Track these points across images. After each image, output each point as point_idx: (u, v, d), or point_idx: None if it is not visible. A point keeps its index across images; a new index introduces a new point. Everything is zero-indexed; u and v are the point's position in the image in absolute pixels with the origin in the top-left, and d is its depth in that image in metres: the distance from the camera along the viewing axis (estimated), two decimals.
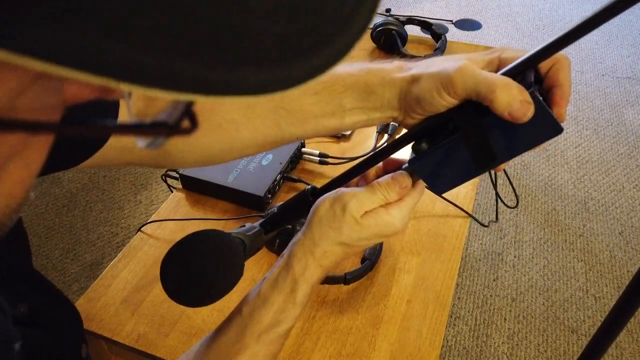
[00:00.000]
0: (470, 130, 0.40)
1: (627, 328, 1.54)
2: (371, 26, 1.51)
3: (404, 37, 1.48)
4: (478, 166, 0.42)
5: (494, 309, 1.59)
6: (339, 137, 1.16)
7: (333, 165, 1.07)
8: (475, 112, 0.40)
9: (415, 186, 0.47)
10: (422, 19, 1.53)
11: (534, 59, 0.37)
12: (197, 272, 0.45)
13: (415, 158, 0.44)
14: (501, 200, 1.52)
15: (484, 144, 0.40)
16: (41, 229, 1.85)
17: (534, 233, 1.81)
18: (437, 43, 1.50)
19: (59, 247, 1.79)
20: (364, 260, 0.86)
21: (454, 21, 1.60)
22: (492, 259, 1.74)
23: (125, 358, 0.87)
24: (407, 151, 0.47)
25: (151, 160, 0.53)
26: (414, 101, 0.43)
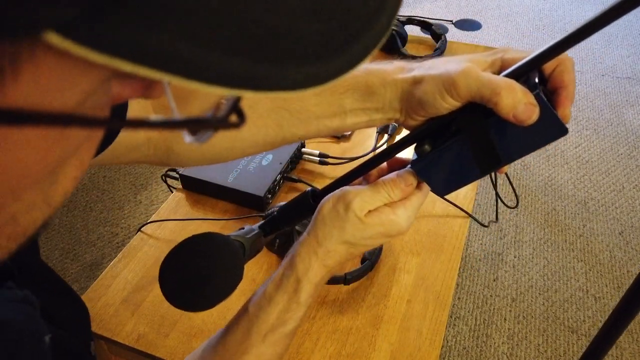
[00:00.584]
0: (474, 132, 0.40)
1: (627, 328, 1.54)
2: None
3: (404, 37, 1.48)
4: (482, 168, 0.41)
5: (494, 309, 1.59)
6: (339, 137, 1.16)
7: (333, 165, 1.07)
8: (479, 115, 0.39)
9: (420, 186, 0.47)
10: (422, 19, 1.53)
11: (538, 60, 0.36)
12: (196, 276, 0.44)
13: (418, 160, 0.44)
14: (501, 201, 1.52)
15: (488, 146, 0.40)
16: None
17: (534, 233, 1.81)
18: (437, 43, 1.50)
19: (59, 247, 1.79)
20: (364, 260, 0.86)
21: (454, 21, 1.60)
22: (492, 259, 1.74)
23: (125, 358, 0.87)
24: (411, 151, 0.47)
25: (157, 159, 0.54)
26: (416, 103, 0.43)
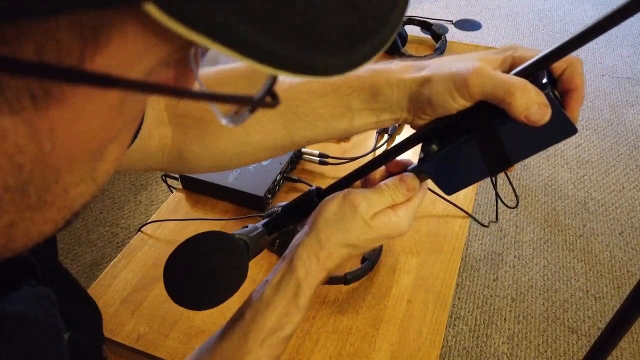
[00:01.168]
0: (483, 132, 0.40)
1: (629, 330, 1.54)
2: None
3: (404, 37, 1.47)
4: (491, 168, 0.41)
5: (494, 309, 1.59)
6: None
7: (333, 165, 1.07)
8: (487, 114, 0.39)
9: (420, 187, 0.47)
10: (422, 19, 1.53)
11: (547, 59, 0.36)
12: (201, 275, 0.44)
13: (425, 159, 0.44)
14: (501, 201, 1.52)
15: (497, 146, 0.39)
16: None
17: (534, 233, 1.81)
18: (437, 43, 1.50)
19: (59, 247, 1.78)
20: (364, 261, 0.86)
21: (454, 21, 1.60)
22: (492, 259, 1.74)
23: (125, 358, 0.87)
24: (412, 152, 0.47)
25: (170, 166, 0.54)
26: (425, 102, 0.42)
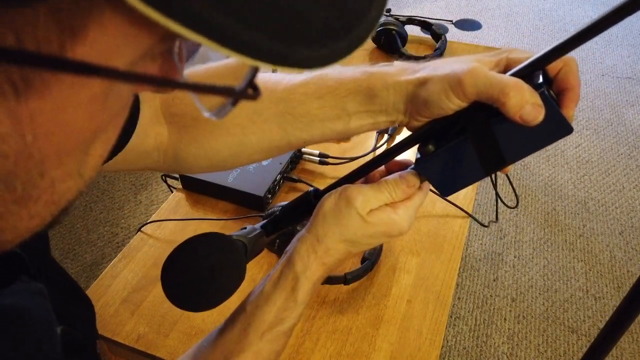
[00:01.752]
0: (479, 132, 0.40)
1: (627, 329, 1.54)
2: None
3: (404, 37, 1.47)
4: (487, 168, 0.41)
5: (494, 309, 1.59)
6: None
7: (333, 165, 1.07)
8: (483, 114, 0.39)
9: (421, 187, 0.47)
10: (422, 19, 1.53)
11: (543, 60, 0.36)
12: (199, 276, 0.44)
13: (422, 159, 0.44)
14: (501, 200, 1.52)
15: (493, 146, 0.40)
16: None
17: (534, 233, 1.81)
18: (437, 43, 1.50)
19: (59, 247, 1.79)
20: (364, 260, 0.86)
21: (454, 21, 1.60)
22: (492, 259, 1.74)
23: (125, 358, 0.87)
24: (412, 152, 0.47)
25: (166, 166, 0.54)
26: (421, 104, 0.43)
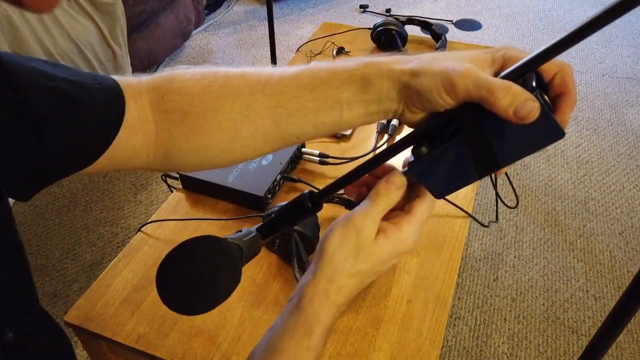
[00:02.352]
0: (472, 133, 0.40)
1: (627, 328, 1.54)
2: (371, 26, 1.51)
3: (404, 37, 1.48)
4: (479, 171, 0.41)
5: (494, 309, 1.59)
6: (339, 137, 1.16)
7: (333, 165, 1.07)
8: (476, 115, 0.39)
9: (422, 200, 0.45)
10: (422, 19, 1.53)
11: (536, 61, 0.36)
12: (193, 280, 0.44)
13: (415, 162, 0.44)
14: (501, 201, 1.52)
15: (486, 147, 0.39)
16: (41, 229, 1.85)
17: (534, 233, 1.81)
18: (437, 43, 1.50)
19: (59, 247, 1.79)
20: None
21: (454, 21, 1.60)
22: (492, 259, 1.74)
23: (125, 358, 0.87)
24: (407, 154, 0.47)
25: (157, 165, 0.53)
26: (413, 95, 0.42)
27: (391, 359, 0.76)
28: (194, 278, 0.44)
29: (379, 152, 0.45)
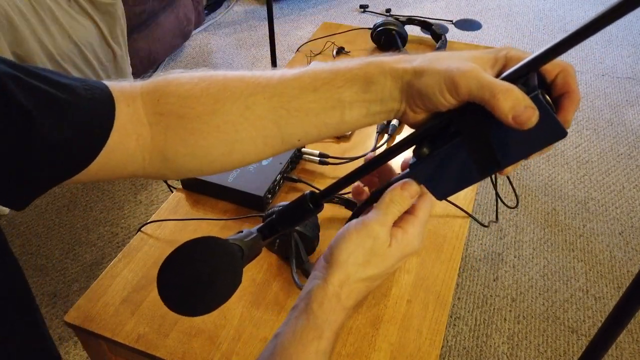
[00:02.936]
0: (473, 134, 0.40)
1: (627, 328, 1.54)
2: (371, 26, 1.51)
3: (404, 37, 1.48)
4: (481, 171, 0.41)
5: (494, 309, 1.59)
6: (339, 137, 1.16)
7: (333, 165, 1.07)
8: (478, 116, 0.39)
9: (424, 200, 0.46)
10: (422, 19, 1.53)
11: (538, 61, 0.36)
12: (195, 281, 0.44)
13: (417, 163, 0.44)
14: (501, 201, 1.52)
15: (487, 148, 0.39)
16: (41, 229, 1.85)
17: (534, 233, 1.81)
18: (437, 43, 1.50)
19: (59, 247, 1.79)
20: None
21: (454, 21, 1.60)
22: (492, 259, 1.74)
23: (125, 358, 0.87)
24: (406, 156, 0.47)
25: (153, 170, 0.52)
26: (416, 94, 0.42)
27: (391, 359, 0.76)
28: (195, 279, 0.44)
29: (379, 152, 0.45)
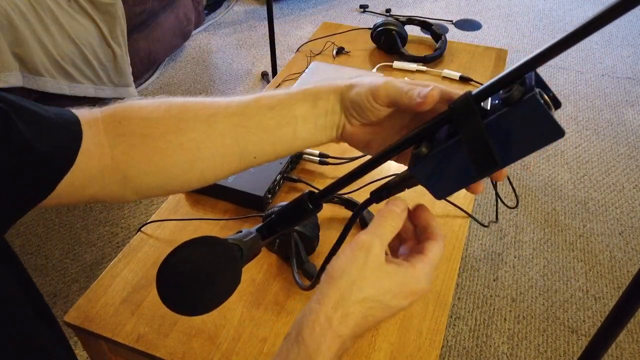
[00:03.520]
0: (471, 133, 0.40)
1: (627, 328, 1.54)
2: (371, 26, 1.51)
3: (404, 37, 1.47)
4: (479, 171, 0.41)
5: (494, 309, 1.59)
6: None
7: (333, 165, 1.07)
8: (475, 115, 0.39)
9: (434, 242, 0.46)
10: (422, 19, 1.53)
11: (536, 61, 0.36)
12: (194, 281, 0.44)
13: (415, 162, 0.44)
14: (501, 201, 1.52)
15: (485, 147, 0.39)
16: (41, 229, 1.85)
17: (534, 233, 1.81)
18: (437, 43, 1.50)
19: (59, 247, 1.79)
20: None
21: (454, 21, 1.60)
22: (492, 259, 1.74)
23: (125, 358, 0.87)
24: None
25: (114, 191, 0.52)
26: (350, 104, 0.49)
27: (391, 359, 0.76)
28: (194, 279, 0.44)
29: (379, 153, 0.45)
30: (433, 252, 0.45)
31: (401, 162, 0.50)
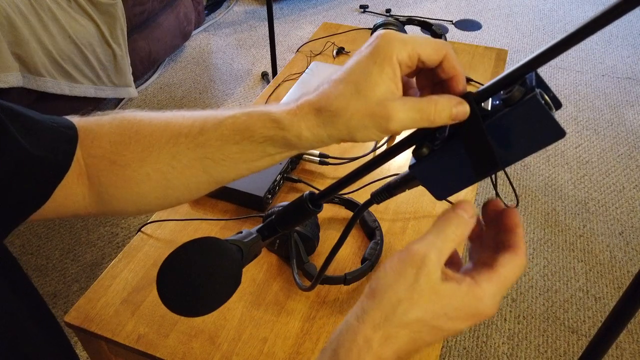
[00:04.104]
0: (471, 134, 0.40)
1: (627, 328, 1.54)
2: (371, 26, 1.51)
3: None
4: (480, 171, 0.41)
5: None
6: None
7: (333, 165, 1.07)
8: (476, 116, 0.39)
9: (514, 253, 0.38)
10: (422, 19, 1.53)
11: (535, 62, 0.36)
12: (194, 283, 0.44)
13: (416, 163, 0.44)
14: (501, 200, 1.52)
15: (485, 148, 0.39)
16: (41, 229, 1.85)
17: (534, 233, 1.81)
18: None
19: (59, 247, 1.79)
20: (364, 261, 0.86)
21: (454, 21, 1.60)
22: None
23: (125, 358, 0.87)
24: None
25: (92, 207, 0.51)
26: (343, 135, 0.43)
27: None
28: (195, 280, 0.44)
29: (379, 152, 0.45)
30: (507, 268, 0.37)
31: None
